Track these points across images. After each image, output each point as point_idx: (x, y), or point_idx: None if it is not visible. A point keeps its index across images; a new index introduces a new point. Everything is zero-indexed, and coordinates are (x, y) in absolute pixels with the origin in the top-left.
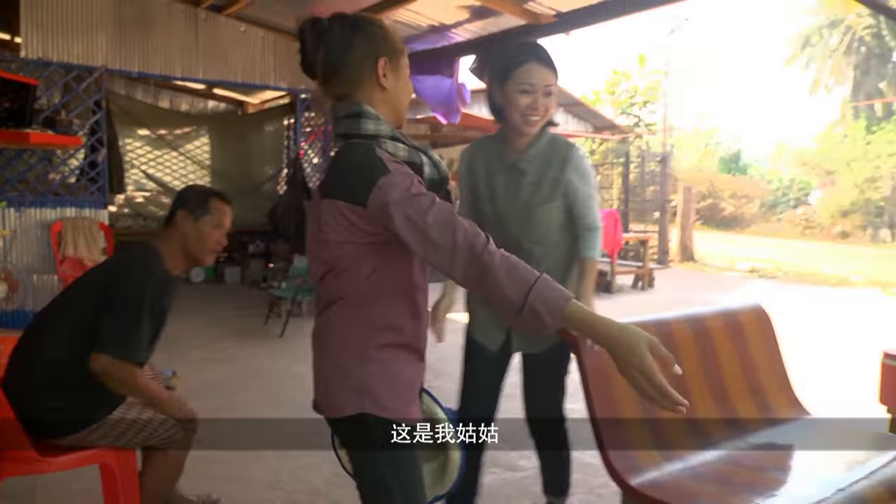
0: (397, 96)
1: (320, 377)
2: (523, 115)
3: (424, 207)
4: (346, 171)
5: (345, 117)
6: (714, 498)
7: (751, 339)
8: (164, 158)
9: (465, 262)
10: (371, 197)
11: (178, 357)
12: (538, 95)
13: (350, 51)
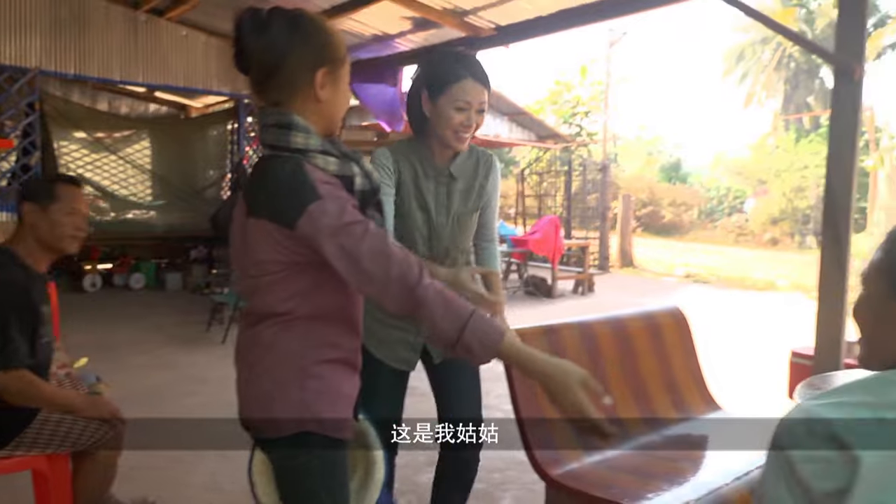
0: (333, 108)
1: (252, 396)
2: (455, 132)
3: (357, 237)
4: (275, 191)
5: (274, 126)
6: (627, 486)
7: (668, 339)
8: (103, 162)
9: (398, 295)
10: (300, 222)
11: (118, 364)
12: (472, 113)
13: (289, 55)
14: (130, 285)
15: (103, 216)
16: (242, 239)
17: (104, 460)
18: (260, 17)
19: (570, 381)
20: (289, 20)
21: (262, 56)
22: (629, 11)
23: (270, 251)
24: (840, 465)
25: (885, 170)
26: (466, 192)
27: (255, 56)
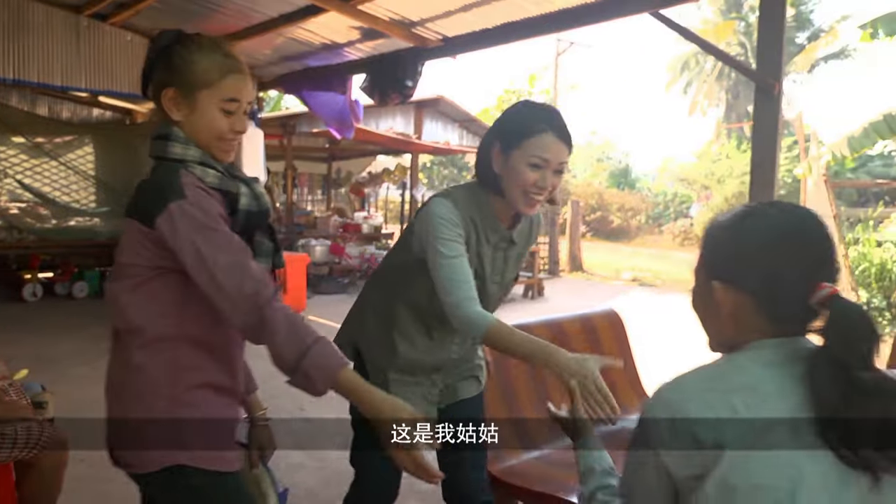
0: (194, 131)
1: (119, 426)
2: (526, 192)
3: (216, 245)
4: (145, 189)
5: (155, 138)
6: (564, 480)
7: (605, 340)
8: (43, 168)
9: (246, 312)
10: (160, 219)
11: (61, 375)
12: (548, 172)
13: (151, 72)
14: (73, 294)
15: (44, 223)
16: (119, 247)
17: (49, 471)
18: (157, 35)
19: (399, 418)
20: (167, 40)
21: (144, 69)
22: (571, 26)
23: (133, 254)
24: (700, 455)
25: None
26: (519, 257)
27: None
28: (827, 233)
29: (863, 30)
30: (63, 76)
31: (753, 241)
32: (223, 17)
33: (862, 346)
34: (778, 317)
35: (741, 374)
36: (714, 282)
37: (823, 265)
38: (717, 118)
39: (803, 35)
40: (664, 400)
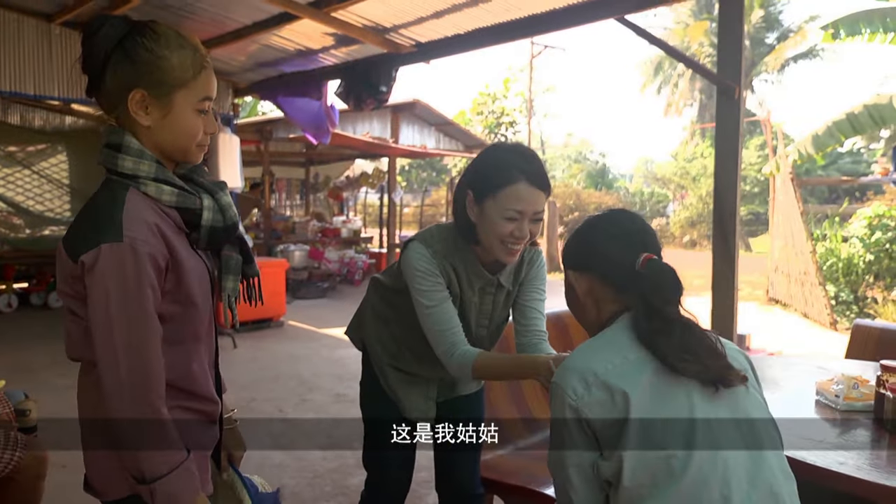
0: (168, 135)
1: (88, 453)
2: (504, 242)
3: (132, 308)
4: (83, 216)
5: (105, 146)
6: (536, 472)
7: (575, 337)
8: (16, 177)
9: (127, 400)
10: (83, 257)
11: (40, 386)
12: (525, 222)
13: (107, 68)
14: (49, 304)
15: (18, 233)
16: None
17: (27, 483)
18: (96, 21)
19: None
20: (119, 29)
21: (87, 63)
22: (541, 31)
23: (65, 284)
24: (614, 401)
25: (781, 175)
26: (508, 295)
27: (85, 62)
28: (639, 221)
29: (825, 30)
30: (35, 84)
31: (586, 235)
32: (196, 24)
33: (668, 292)
34: (620, 286)
35: (620, 336)
36: (567, 271)
37: (639, 241)
38: (692, 118)
39: (773, 35)
40: (571, 368)
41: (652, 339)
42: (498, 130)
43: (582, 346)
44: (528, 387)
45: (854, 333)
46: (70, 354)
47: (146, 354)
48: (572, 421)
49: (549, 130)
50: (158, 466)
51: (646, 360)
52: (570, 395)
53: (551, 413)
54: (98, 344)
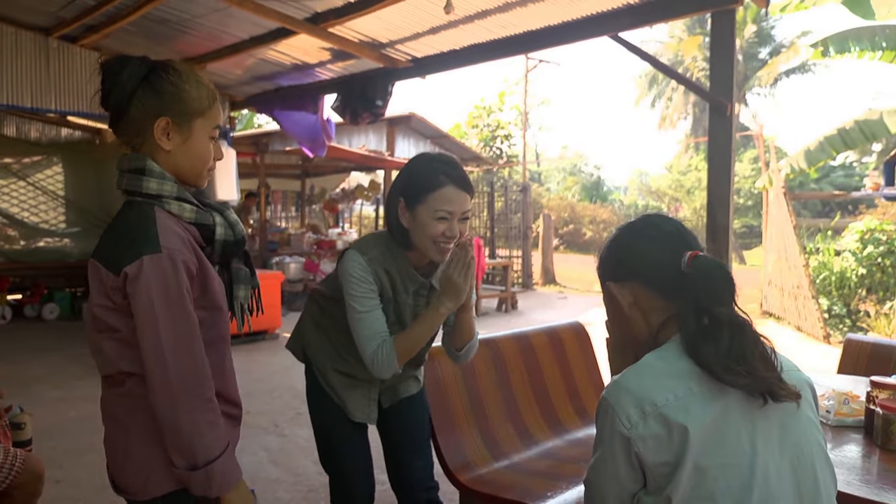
0: (186, 160)
1: (125, 459)
2: (436, 242)
3: (177, 312)
4: (117, 233)
5: (128, 171)
6: (531, 487)
7: (570, 352)
8: (11, 189)
9: (178, 397)
10: (126, 269)
11: (33, 399)
12: (454, 222)
13: (133, 101)
14: (44, 316)
15: (12, 245)
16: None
17: (22, 499)
18: (116, 64)
19: None
20: (142, 67)
21: (112, 98)
22: (535, 47)
23: (102, 297)
24: (671, 438)
25: (774, 189)
26: None
27: (108, 98)
28: (674, 221)
29: (815, 48)
30: (33, 97)
31: (622, 242)
32: (194, 38)
33: (719, 290)
34: (666, 291)
35: (680, 360)
36: (608, 283)
37: (680, 240)
38: (686, 131)
39: (765, 50)
40: (627, 390)
41: (696, 344)
42: (493, 143)
43: (641, 367)
44: (524, 402)
45: (846, 348)
46: (105, 372)
47: (192, 350)
48: (620, 450)
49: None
50: (211, 450)
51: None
52: (622, 422)
53: (597, 428)
54: (145, 347)
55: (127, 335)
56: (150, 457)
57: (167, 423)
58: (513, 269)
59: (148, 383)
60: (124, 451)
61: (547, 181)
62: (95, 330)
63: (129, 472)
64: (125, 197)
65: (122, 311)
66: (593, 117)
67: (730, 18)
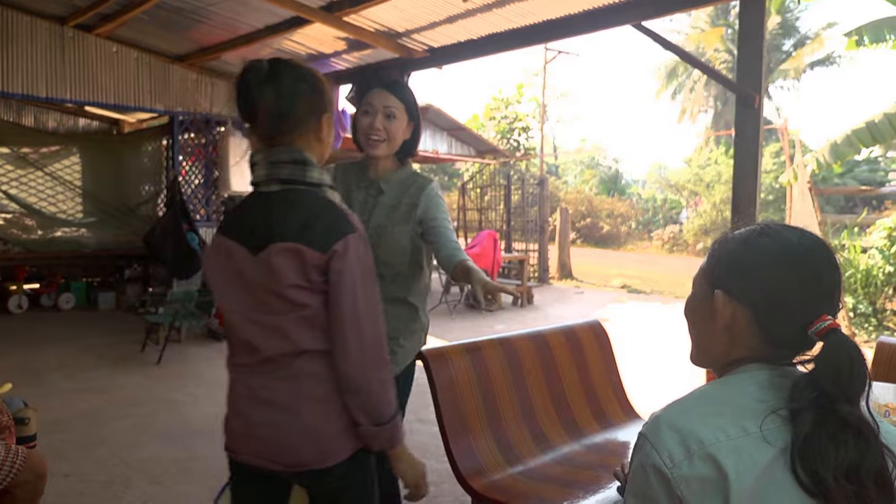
0: (328, 146)
1: (298, 436)
2: (366, 135)
3: (370, 290)
4: (306, 217)
5: (289, 163)
6: (546, 495)
7: (588, 352)
8: (29, 178)
9: (368, 364)
10: (335, 247)
11: (46, 388)
12: (378, 116)
13: (299, 102)
14: (60, 305)
15: (30, 234)
16: (244, 279)
17: (23, 494)
18: (267, 69)
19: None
20: (295, 72)
21: (275, 103)
22: (555, 37)
23: (299, 277)
24: (716, 483)
25: (798, 184)
26: (391, 207)
27: (265, 103)
28: (837, 267)
29: (848, 37)
30: (48, 87)
31: (765, 259)
32: (208, 28)
33: (851, 383)
34: (772, 337)
35: (743, 395)
36: (717, 291)
37: (828, 297)
38: (706, 125)
39: (789, 42)
40: (670, 425)
41: (808, 443)
42: (511, 135)
43: (691, 399)
44: (540, 404)
45: (879, 351)
46: (272, 352)
47: (378, 316)
48: (661, 493)
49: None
50: (392, 405)
51: (769, 441)
52: (663, 461)
53: (631, 466)
54: (345, 316)
55: (314, 311)
56: (328, 426)
57: (360, 384)
58: (529, 263)
59: (340, 350)
60: (301, 429)
61: (564, 174)
62: (275, 312)
63: (309, 446)
64: (278, 186)
65: (315, 289)
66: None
67: (759, 6)
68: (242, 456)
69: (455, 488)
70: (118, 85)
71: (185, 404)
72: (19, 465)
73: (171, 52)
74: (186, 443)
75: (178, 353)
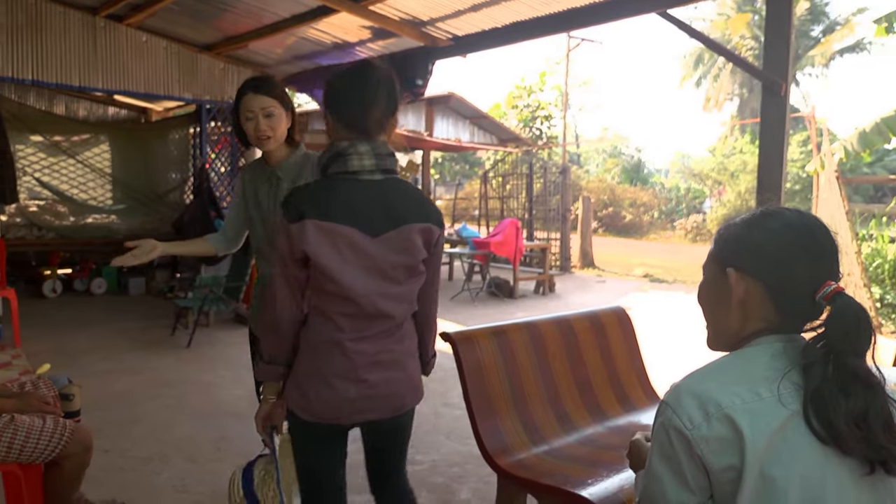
0: None
1: (409, 385)
2: (256, 137)
3: None
4: (419, 201)
5: (389, 155)
6: (571, 473)
7: (612, 337)
8: (61, 166)
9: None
10: (441, 225)
11: (81, 369)
12: (259, 119)
13: (398, 104)
14: (92, 290)
15: (62, 221)
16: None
17: (71, 471)
18: (385, 72)
19: None
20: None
21: (387, 104)
22: (580, 25)
23: (426, 251)
24: (733, 442)
25: (826, 173)
26: None
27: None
28: (834, 239)
29: (878, 24)
30: (80, 76)
31: (772, 236)
32: (235, 17)
33: (859, 339)
34: (785, 307)
35: (756, 364)
36: (729, 269)
37: (830, 265)
38: (732, 113)
39: (818, 28)
40: (688, 391)
41: (821, 395)
42: (533, 124)
43: (706, 368)
44: (564, 387)
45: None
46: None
47: None
48: (682, 452)
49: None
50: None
51: (783, 403)
52: (683, 423)
53: (653, 437)
54: (436, 279)
55: (427, 277)
56: (417, 372)
57: (435, 320)
58: (551, 252)
59: (432, 298)
60: (407, 379)
61: (586, 163)
62: (402, 283)
63: (411, 391)
64: (381, 176)
65: (426, 260)
66: (635, 98)
67: None
68: (350, 418)
69: (479, 469)
70: (148, 74)
71: (215, 386)
72: (67, 437)
73: (198, 42)
74: (218, 423)
75: (206, 336)
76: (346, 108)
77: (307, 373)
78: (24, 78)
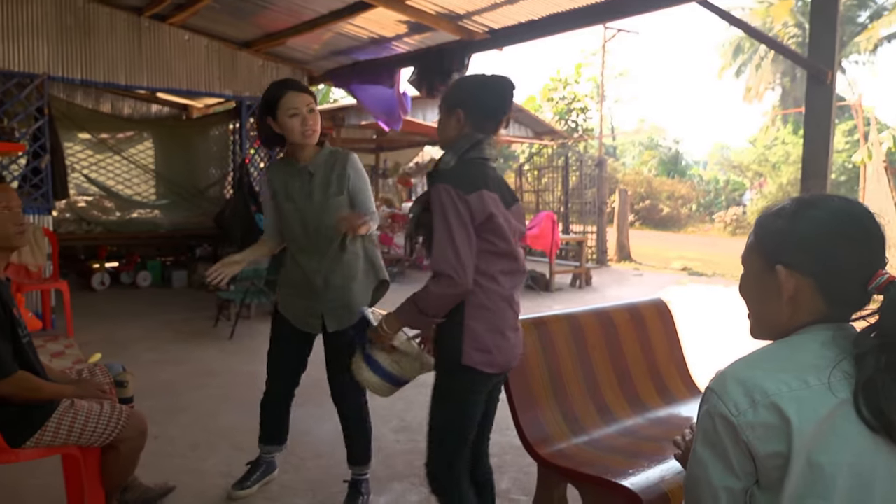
0: None
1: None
2: (302, 132)
3: None
4: None
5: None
6: (611, 464)
7: (652, 329)
8: (107, 162)
9: None
10: None
11: (130, 359)
12: (305, 115)
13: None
14: (138, 283)
15: (109, 215)
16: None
17: (128, 450)
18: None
19: None
20: None
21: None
22: (617, 16)
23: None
24: (779, 429)
25: (873, 163)
26: (325, 184)
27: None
28: (881, 226)
29: None
30: (127, 75)
31: (819, 227)
32: (274, 14)
33: None
34: (836, 299)
35: (805, 352)
36: (778, 266)
37: (879, 252)
38: (773, 103)
39: (865, 14)
40: (734, 378)
41: (874, 385)
42: (568, 116)
43: (753, 356)
44: (604, 378)
45: None
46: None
47: None
48: (728, 438)
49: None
50: None
51: (833, 391)
52: (728, 409)
53: (698, 424)
54: None
55: None
56: None
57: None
58: (587, 245)
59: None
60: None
61: (622, 155)
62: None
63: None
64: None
65: None
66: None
67: None
68: (511, 364)
69: (519, 459)
70: (190, 71)
71: (258, 376)
72: (123, 421)
73: (238, 39)
74: None
75: (248, 328)
76: (483, 112)
77: (486, 330)
78: (74, 77)
